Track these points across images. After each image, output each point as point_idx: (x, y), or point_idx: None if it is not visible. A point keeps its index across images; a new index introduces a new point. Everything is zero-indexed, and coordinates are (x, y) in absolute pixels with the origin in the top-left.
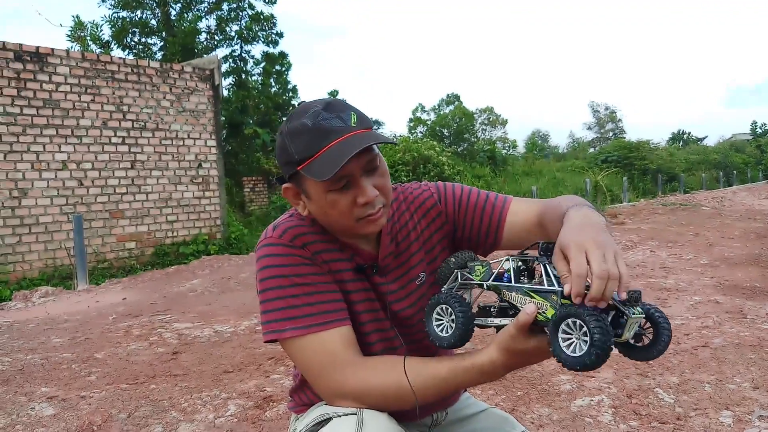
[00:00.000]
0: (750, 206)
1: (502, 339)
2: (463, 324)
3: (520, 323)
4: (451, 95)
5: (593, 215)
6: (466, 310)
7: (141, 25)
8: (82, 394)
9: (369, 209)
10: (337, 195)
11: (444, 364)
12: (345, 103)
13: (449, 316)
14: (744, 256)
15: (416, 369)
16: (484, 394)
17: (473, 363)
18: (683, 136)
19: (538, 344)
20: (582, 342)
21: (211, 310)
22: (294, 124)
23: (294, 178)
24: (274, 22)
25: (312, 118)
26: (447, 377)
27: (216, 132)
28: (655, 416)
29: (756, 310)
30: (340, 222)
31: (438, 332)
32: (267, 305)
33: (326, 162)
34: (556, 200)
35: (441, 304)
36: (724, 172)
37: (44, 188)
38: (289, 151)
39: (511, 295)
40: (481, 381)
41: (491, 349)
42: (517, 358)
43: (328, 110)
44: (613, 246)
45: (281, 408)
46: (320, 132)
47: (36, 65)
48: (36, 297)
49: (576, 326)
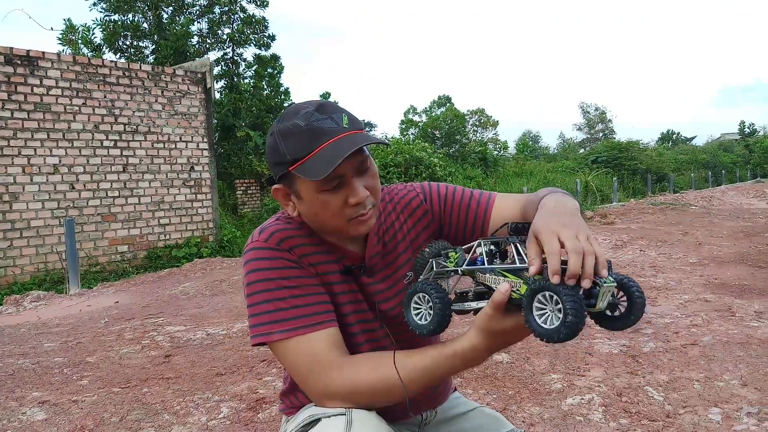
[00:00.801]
0: (739, 205)
1: (480, 321)
2: (441, 310)
3: (495, 302)
4: (443, 97)
5: (566, 200)
6: (442, 296)
7: (133, 29)
8: (74, 398)
9: (360, 209)
10: (329, 195)
11: (427, 354)
12: (336, 105)
13: (427, 304)
14: (733, 255)
15: (401, 362)
16: (476, 393)
17: (455, 350)
18: (672, 136)
19: (516, 322)
20: (556, 314)
21: (204, 313)
22: (286, 124)
23: (285, 179)
24: (266, 25)
25: (304, 118)
26: (432, 366)
27: (208, 135)
28: (645, 414)
29: (744, 308)
30: (330, 222)
31: (417, 321)
32: (254, 309)
33: (320, 162)
34: (536, 193)
35: (418, 292)
36: (713, 172)
37: (36, 192)
38: (281, 151)
39: (485, 277)
40: (466, 366)
41: (471, 333)
42: (497, 339)
43: (320, 111)
44: (584, 228)
45: (274, 410)
46: (313, 132)
47: (27, 69)
48: (27, 301)
49: (550, 299)
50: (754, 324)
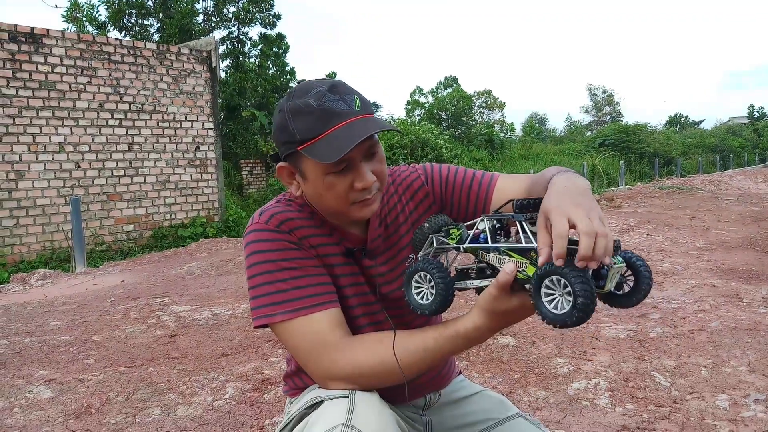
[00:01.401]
0: (746, 190)
1: (484, 301)
2: (444, 290)
3: (500, 283)
4: (449, 78)
5: (577, 179)
6: (444, 275)
7: (138, 6)
8: (80, 376)
9: (365, 194)
10: (335, 178)
11: (429, 334)
12: (348, 86)
13: (428, 283)
14: (740, 240)
15: (403, 343)
16: (482, 377)
17: (457, 329)
18: (680, 119)
19: (521, 302)
20: (566, 298)
21: (209, 293)
22: (297, 102)
23: (291, 158)
24: (272, 4)
25: (316, 98)
26: (434, 347)
27: (213, 114)
28: (652, 399)
29: (752, 293)
30: (334, 205)
31: (418, 300)
32: (256, 291)
33: (331, 145)
34: (542, 173)
35: (419, 271)
36: (721, 156)
37: (41, 171)
38: (290, 129)
39: (489, 256)
40: (468, 346)
41: (474, 313)
42: (501, 319)
43: (332, 92)
44: (596, 208)
45: (279, 390)
46: (325, 113)
47: (31, 46)
48: (34, 280)
49: (559, 283)
50: (762, 310)
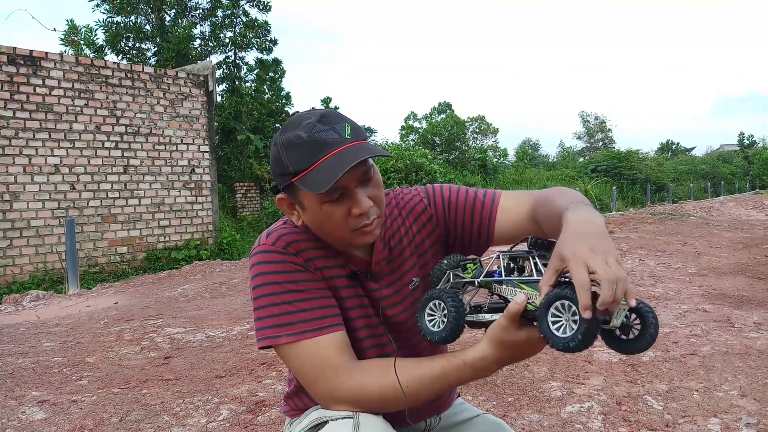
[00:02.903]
0: (737, 216)
1: (493, 332)
2: (455, 318)
3: (510, 313)
4: (443, 104)
5: (591, 217)
6: (458, 305)
7: (135, 30)
8: (73, 398)
9: (364, 220)
10: (332, 206)
11: (436, 362)
12: (339, 115)
13: (441, 311)
14: (731, 266)
15: (409, 369)
16: (476, 400)
17: (465, 359)
18: (672, 146)
19: (529, 335)
20: (571, 323)
21: (203, 315)
22: (288, 135)
23: (288, 189)
24: (269, 29)
25: (307, 130)
26: (440, 375)
27: (209, 138)
28: (644, 423)
29: (743, 318)
30: (335, 232)
31: (430, 327)
32: (261, 312)
33: (322, 175)
34: (548, 194)
35: (434, 299)
36: (712, 183)
37: (36, 192)
38: (283, 162)
39: (501, 288)
40: (475, 377)
41: (483, 343)
42: (508, 351)
43: (322, 122)
44: (612, 250)
45: (274, 413)
46: (315, 144)
47: (29, 69)
48: (26, 301)
49: (566, 308)
50: (753, 335)
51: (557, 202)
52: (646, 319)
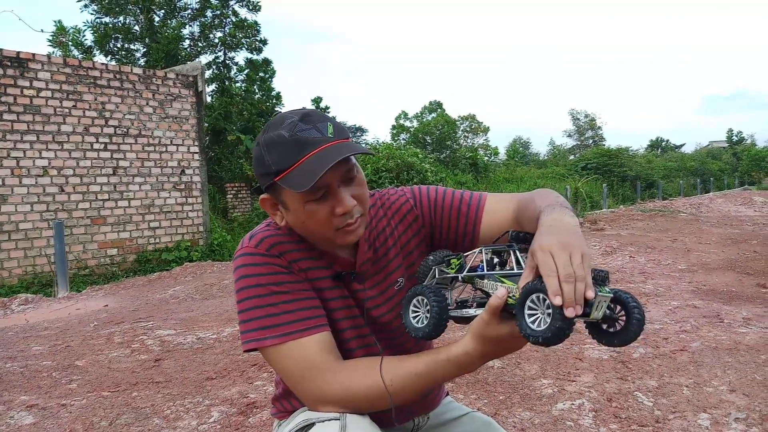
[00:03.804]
0: (726, 213)
1: (475, 326)
2: (437, 314)
3: (491, 307)
4: (434, 103)
5: (564, 218)
6: (440, 300)
7: (124, 31)
8: (62, 402)
9: (347, 219)
10: (315, 205)
11: (421, 359)
12: (322, 114)
13: (425, 308)
14: (721, 262)
15: (394, 368)
16: (467, 399)
17: (448, 355)
18: (661, 143)
19: (512, 330)
20: (546, 317)
21: (194, 317)
22: (270, 135)
23: (271, 189)
24: (258, 29)
25: (289, 129)
26: (424, 372)
27: (199, 138)
28: (635, 419)
29: (732, 314)
30: (318, 232)
31: (414, 323)
32: (245, 315)
33: (304, 173)
34: (530, 197)
35: (417, 295)
36: (702, 179)
37: (24, 194)
38: (265, 162)
39: (483, 283)
40: (459, 373)
41: (466, 339)
42: (491, 346)
43: (304, 121)
44: (580, 246)
45: (265, 414)
46: (297, 143)
47: (17, 70)
48: (15, 304)
49: (540, 301)
50: (742, 330)
51: (536, 204)
52: (630, 310)
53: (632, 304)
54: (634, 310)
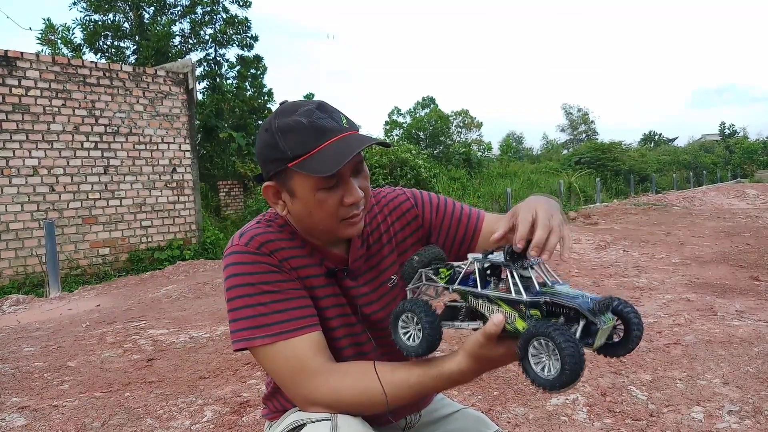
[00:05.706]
0: (719, 206)
1: (470, 347)
2: (430, 334)
3: (488, 334)
4: (427, 98)
5: (548, 199)
6: (432, 319)
7: (114, 29)
8: (54, 403)
9: (354, 209)
10: (326, 194)
11: (413, 371)
12: (333, 107)
13: (415, 324)
14: (714, 255)
15: (387, 376)
16: (461, 395)
17: (441, 371)
18: (654, 137)
19: (507, 350)
20: (553, 361)
21: (187, 316)
22: (286, 120)
23: (278, 176)
24: (249, 26)
25: (306, 115)
26: (417, 383)
27: (190, 136)
28: (629, 413)
29: (726, 307)
30: (323, 222)
31: (405, 341)
32: (235, 314)
33: (326, 158)
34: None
35: (406, 311)
36: (694, 173)
37: (14, 194)
38: (280, 147)
39: (478, 303)
40: (451, 386)
41: (459, 356)
42: (485, 364)
43: (321, 110)
44: (559, 216)
45: (258, 413)
46: (317, 129)
47: (5, 69)
48: (6, 305)
49: (545, 346)
50: (735, 323)
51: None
52: (630, 325)
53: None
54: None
